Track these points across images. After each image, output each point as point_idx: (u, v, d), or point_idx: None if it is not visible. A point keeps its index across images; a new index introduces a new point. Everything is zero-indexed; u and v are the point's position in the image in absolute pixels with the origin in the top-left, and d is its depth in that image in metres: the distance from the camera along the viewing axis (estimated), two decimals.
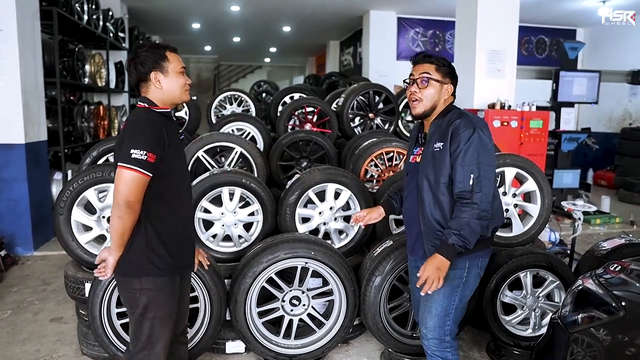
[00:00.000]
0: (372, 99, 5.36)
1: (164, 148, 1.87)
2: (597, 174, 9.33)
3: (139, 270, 1.91)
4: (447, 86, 2.12)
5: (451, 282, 2.08)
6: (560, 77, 6.87)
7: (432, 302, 2.12)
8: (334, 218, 3.33)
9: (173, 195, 1.97)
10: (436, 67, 2.10)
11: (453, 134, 1.99)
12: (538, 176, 3.41)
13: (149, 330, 1.96)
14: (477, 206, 1.93)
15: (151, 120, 1.89)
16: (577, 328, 1.70)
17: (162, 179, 1.90)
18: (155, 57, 1.94)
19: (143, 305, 1.93)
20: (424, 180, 2.08)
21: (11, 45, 4.70)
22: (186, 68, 2.09)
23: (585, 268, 3.11)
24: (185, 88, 2.03)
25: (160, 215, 1.93)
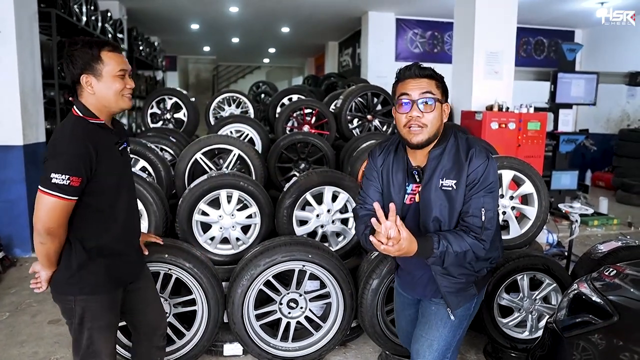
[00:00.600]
0: (371, 101, 5.37)
1: (91, 167, 1.70)
2: (595, 175, 9.35)
3: (72, 290, 1.81)
4: (445, 105, 1.78)
5: (461, 315, 1.89)
6: (559, 78, 6.88)
7: (434, 337, 1.88)
8: (332, 221, 3.34)
9: (105, 213, 1.83)
10: (436, 84, 1.74)
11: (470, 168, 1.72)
12: (535, 179, 3.42)
13: (88, 340, 1.86)
14: (484, 244, 1.71)
15: (77, 136, 1.69)
16: (572, 333, 1.71)
17: (91, 197, 1.76)
18: (87, 58, 1.73)
19: (79, 315, 1.83)
20: (431, 223, 1.76)
21: (9, 47, 4.70)
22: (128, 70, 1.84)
23: (582, 271, 3.12)
24: (122, 94, 1.80)
25: (91, 234, 1.81)
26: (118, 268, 1.91)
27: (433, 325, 1.90)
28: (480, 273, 1.86)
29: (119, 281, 1.94)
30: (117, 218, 1.88)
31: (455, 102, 6.15)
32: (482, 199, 1.71)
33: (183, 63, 17.60)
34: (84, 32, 6.68)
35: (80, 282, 1.81)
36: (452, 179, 1.72)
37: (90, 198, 1.76)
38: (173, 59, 16.27)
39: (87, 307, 1.83)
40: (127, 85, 1.81)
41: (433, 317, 1.90)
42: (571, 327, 1.74)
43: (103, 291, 1.86)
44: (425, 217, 1.76)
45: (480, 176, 1.71)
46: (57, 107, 5.77)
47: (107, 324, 1.90)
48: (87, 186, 1.73)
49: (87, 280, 1.82)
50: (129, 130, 8.97)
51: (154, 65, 11.57)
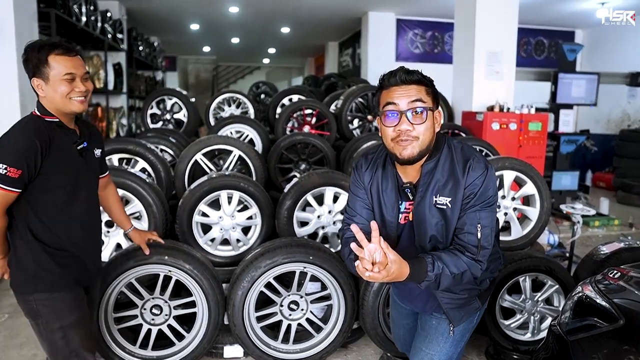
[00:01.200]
0: (371, 101, 5.35)
1: (36, 162, 1.71)
2: (596, 176, 9.33)
3: (29, 287, 1.83)
4: (437, 113, 1.59)
5: (463, 328, 1.80)
6: (559, 79, 6.87)
7: (435, 352, 1.78)
8: (333, 222, 3.32)
9: (58, 212, 1.83)
10: (427, 90, 1.55)
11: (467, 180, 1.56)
12: (537, 179, 3.40)
13: (63, 340, 1.85)
14: (481, 265, 1.58)
15: (27, 131, 1.72)
16: (577, 336, 1.69)
17: (44, 193, 1.78)
18: (35, 62, 1.75)
19: (44, 315, 1.83)
20: (427, 244, 1.63)
21: (9, 47, 4.67)
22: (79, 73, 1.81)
23: (584, 272, 3.11)
24: (70, 97, 1.78)
25: (43, 232, 1.81)
26: (75, 270, 1.91)
27: (434, 339, 1.79)
28: (482, 285, 1.76)
29: (77, 280, 1.93)
30: (74, 217, 1.88)
31: (456, 103, 6.14)
32: (478, 213, 1.55)
33: (183, 63, 17.58)
34: (84, 32, 6.67)
35: (36, 279, 1.82)
36: (446, 196, 1.56)
37: (43, 194, 1.79)
38: (173, 59, 16.25)
39: (51, 307, 1.83)
40: (75, 88, 1.79)
41: (434, 331, 1.79)
42: (576, 331, 1.72)
43: (61, 289, 1.85)
44: (421, 236, 1.62)
45: (477, 190, 1.55)
46: None
47: (77, 321, 1.89)
48: (37, 181, 1.75)
49: (43, 277, 1.82)
50: (129, 130, 8.94)
51: (153, 66, 11.55)
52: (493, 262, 1.78)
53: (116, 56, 8.48)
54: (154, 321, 2.74)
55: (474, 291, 1.73)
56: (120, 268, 2.59)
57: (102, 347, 2.66)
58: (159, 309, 2.74)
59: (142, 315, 2.72)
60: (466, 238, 1.57)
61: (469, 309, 1.74)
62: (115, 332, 2.70)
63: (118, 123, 8.12)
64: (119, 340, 2.71)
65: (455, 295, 1.69)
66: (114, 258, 2.64)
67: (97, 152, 2.03)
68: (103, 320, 2.64)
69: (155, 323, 2.74)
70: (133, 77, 9.76)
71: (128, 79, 8.99)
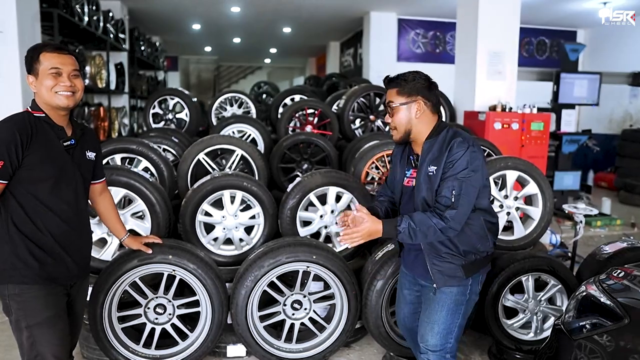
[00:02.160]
0: (373, 101, 5.36)
1: (17, 153, 1.76)
2: (598, 176, 9.32)
3: (3, 277, 1.83)
4: (415, 103, 2.00)
5: (455, 300, 2.06)
6: (561, 78, 6.86)
7: (435, 320, 2.08)
8: (335, 221, 3.32)
9: (39, 204, 1.85)
10: (398, 91, 2.02)
11: (448, 157, 1.94)
12: (539, 179, 3.40)
13: (29, 340, 1.84)
14: (447, 222, 1.90)
15: (9, 124, 1.79)
16: (581, 335, 1.69)
17: (24, 185, 1.82)
18: (29, 60, 1.87)
19: (15, 312, 1.84)
20: (421, 204, 2.03)
21: (11, 47, 4.68)
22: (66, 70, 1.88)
23: (587, 272, 3.10)
24: (55, 90, 1.85)
25: (23, 222, 1.84)
26: (53, 267, 1.89)
27: (432, 310, 2.09)
28: (467, 258, 2.03)
29: (53, 277, 1.90)
30: (57, 214, 1.89)
31: (458, 103, 6.14)
32: (453, 182, 1.91)
33: (184, 63, 17.59)
34: (86, 32, 6.68)
35: (11, 270, 1.83)
36: (434, 166, 1.97)
37: (26, 185, 1.82)
38: (174, 59, 16.25)
39: (22, 302, 1.83)
40: (60, 82, 1.86)
41: (432, 302, 2.10)
42: (580, 329, 1.72)
43: (33, 282, 1.84)
44: (417, 198, 2.03)
45: (455, 163, 1.91)
46: None
47: (46, 320, 1.86)
48: (20, 173, 1.79)
49: (18, 268, 1.83)
50: (131, 130, 8.96)
51: (155, 66, 11.56)
52: (480, 241, 2.05)
53: (118, 56, 8.49)
54: (158, 320, 2.75)
55: (455, 258, 2.02)
56: (124, 267, 2.59)
57: (105, 346, 2.67)
58: (163, 308, 2.74)
59: (145, 314, 2.73)
60: (441, 200, 1.93)
61: (453, 277, 2.03)
62: (119, 331, 2.71)
63: (120, 123, 8.12)
64: (123, 339, 2.71)
65: (440, 258, 2.02)
66: (118, 257, 2.65)
67: (90, 155, 2.04)
68: (107, 319, 2.65)
69: (158, 322, 2.75)
70: (135, 77, 9.78)
71: (130, 78, 9.00)
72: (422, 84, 2.01)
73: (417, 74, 2.04)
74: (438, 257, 2.03)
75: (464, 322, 2.13)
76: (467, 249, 2.03)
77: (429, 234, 1.91)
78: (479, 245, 2.05)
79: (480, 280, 2.13)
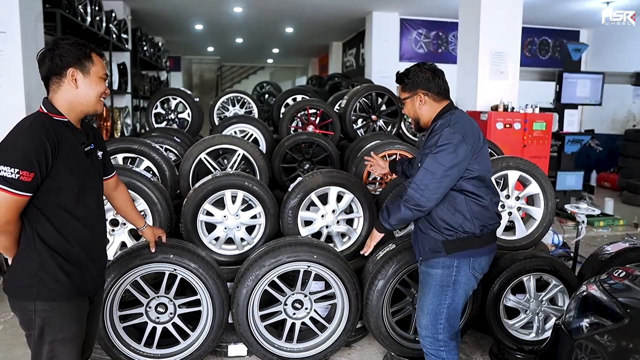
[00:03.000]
0: (375, 101, 5.35)
1: (47, 163, 1.64)
2: (601, 176, 9.29)
3: (30, 294, 1.71)
4: (417, 96, 2.23)
5: (440, 281, 2.18)
6: (564, 78, 6.84)
7: (424, 301, 2.24)
8: (337, 221, 3.32)
9: (65, 215, 1.75)
10: (402, 87, 2.27)
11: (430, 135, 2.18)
12: (541, 179, 3.40)
13: (49, 354, 1.75)
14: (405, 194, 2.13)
15: (34, 130, 1.64)
16: (582, 334, 1.69)
17: (48, 195, 1.70)
18: (79, 54, 1.73)
19: (39, 327, 1.73)
20: None
21: (14, 47, 4.70)
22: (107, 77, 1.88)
23: (589, 272, 3.10)
24: (101, 97, 1.82)
25: (50, 234, 1.72)
26: (81, 279, 1.81)
27: (422, 290, 2.27)
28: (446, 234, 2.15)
29: (81, 289, 1.82)
30: (81, 221, 1.80)
31: (460, 103, 6.13)
32: (422, 157, 2.15)
33: (187, 63, 17.62)
34: (89, 33, 6.70)
35: (40, 285, 1.71)
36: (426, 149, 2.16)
37: (51, 196, 1.70)
38: (177, 60, 16.28)
39: (48, 318, 1.73)
40: (106, 90, 1.84)
41: (422, 284, 2.29)
42: (580, 329, 1.72)
43: (64, 298, 1.75)
44: None
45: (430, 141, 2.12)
46: None
47: (71, 337, 1.79)
48: (44, 183, 1.66)
49: (47, 284, 1.72)
50: (133, 129, 8.98)
51: (157, 66, 11.59)
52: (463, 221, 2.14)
53: (121, 56, 8.52)
54: (159, 319, 2.75)
55: (435, 233, 2.17)
56: (125, 266, 2.60)
57: (107, 345, 2.67)
58: (164, 307, 2.75)
59: (147, 313, 2.74)
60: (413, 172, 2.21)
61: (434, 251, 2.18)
62: (120, 330, 2.71)
63: (122, 123, 8.15)
64: (124, 338, 2.72)
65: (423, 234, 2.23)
66: (120, 256, 2.66)
67: (99, 154, 1.97)
68: (108, 318, 2.65)
69: (160, 321, 2.75)
70: (137, 77, 9.80)
71: (132, 78, 9.02)
72: (421, 77, 2.21)
73: (417, 68, 2.24)
74: (421, 231, 2.24)
75: (457, 305, 2.21)
76: (446, 226, 2.15)
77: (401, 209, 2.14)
78: (461, 224, 2.15)
79: (472, 264, 2.17)
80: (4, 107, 4.74)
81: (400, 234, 3.37)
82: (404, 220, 2.20)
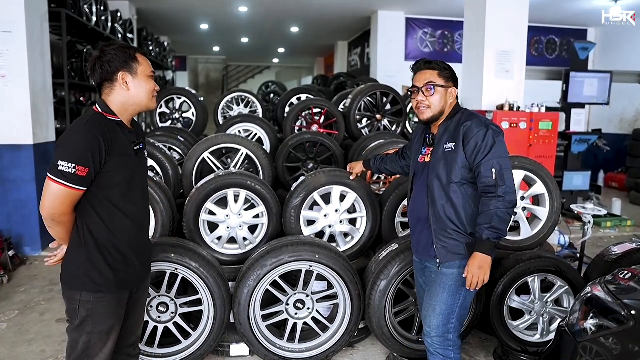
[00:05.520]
0: (380, 100, 5.33)
1: (100, 159, 1.74)
2: (608, 176, 9.21)
3: (77, 284, 1.82)
4: (451, 89, 2.18)
5: (456, 280, 2.13)
6: (571, 77, 6.78)
7: (437, 302, 2.17)
8: (340, 221, 3.30)
9: (114, 210, 1.84)
10: (438, 73, 2.16)
11: (466, 135, 2.05)
12: (547, 179, 3.36)
13: (85, 344, 1.84)
14: (502, 198, 1.99)
15: (90, 128, 1.73)
16: (585, 337, 1.66)
17: (99, 190, 1.79)
18: (125, 57, 1.84)
19: (81, 317, 1.82)
20: (434, 180, 2.13)
21: (20, 47, 4.73)
22: (155, 74, 1.97)
23: (595, 273, 3.06)
24: (153, 94, 1.92)
25: (99, 228, 1.82)
26: (126, 271, 1.89)
27: (434, 291, 2.18)
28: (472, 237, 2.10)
29: (125, 282, 1.90)
30: (129, 216, 1.88)
31: (465, 102, 6.09)
32: (489, 163, 2.01)
33: (193, 63, 17.67)
34: (94, 32, 6.72)
35: (86, 277, 1.81)
36: (451, 142, 2.09)
37: (101, 191, 1.80)
38: (183, 59, 16.33)
39: (91, 310, 1.82)
40: (155, 87, 1.93)
41: (434, 284, 2.19)
42: (584, 331, 1.69)
43: (107, 291, 1.84)
44: (431, 174, 2.14)
45: (481, 142, 2.02)
46: (67, 107, 5.80)
47: (108, 329, 1.87)
48: (97, 179, 1.76)
49: (93, 276, 1.81)
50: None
51: (163, 66, 11.61)
52: None
53: None
54: (160, 319, 2.75)
55: (461, 236, 2.10)
56: None
57: None
58: (165, 307, 2.74)
59: (148, 312, 2.73)
60: (485, 182, 2.02)
61: (455, 254, 2.11)
62: None
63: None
64: None
65: (446, 234, 2.11)
66: None
67: (145, 152, 2.08)
68: None
69: (161, 320, 2.75)
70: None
71: None
72: (455, 75, 2.22)
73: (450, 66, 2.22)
74: (445, 232, 2.11)
75: (468, 304, 2.20)
76: (473, 230, 2.10)
77: (502, 217, 1.99)
78: None
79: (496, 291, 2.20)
80: (9, 106, 4.78)
81: (403, 234, 3.34)
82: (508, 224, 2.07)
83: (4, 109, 4.77)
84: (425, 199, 2.18)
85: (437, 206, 2.11)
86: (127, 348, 2.10)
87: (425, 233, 2.20)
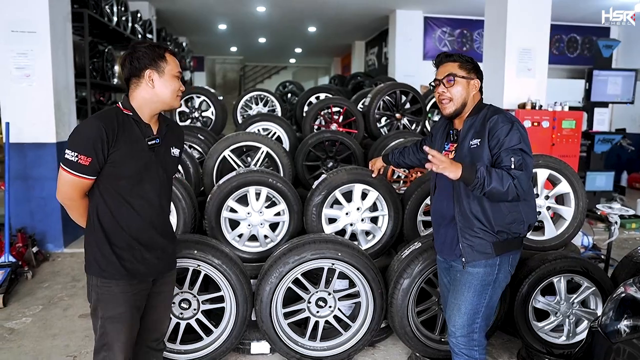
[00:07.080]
0: (399, 99, 5.29)
1: (103, 150, 1.78)
2: (632, 177, 9.01)
3: (89, 268, 1.92)
4: (474, 81, 2.14)
5: (482, 280, 2.10)
6: (594, 76, 6.67)
7: (462, 301, 2.13)
8: (361, 219, 3.28)
9: (121, 201, 1.88)
10: (459, 65, 2.13)
11: (491, 130, 2.01)
12: (572, 178, 3.29)
13: (101, 331, 1.91)
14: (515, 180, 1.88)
15: (95, 121, 1.80)
16: (620, 338, 1.62)
17: (108, 180, 1.85)
18: (154, 55, 1.88)
19: (94, 301, 1.91)
20: None
21: (44, 47, 4.80)
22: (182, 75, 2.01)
23: (622, 274, 2.99)
24: (177, 94, 1.95)
25: (106, 216, 1.88)
26: (132, 261, 1.92)
27: (459, 290, 2.14)
28: (499, 236, 2.06)
29: (132, 273, 1.92)
30: (136, 209, 1.91)
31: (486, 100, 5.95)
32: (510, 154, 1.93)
33: (210, 63, 17.79)
34: (115, 33, 6.80)
35: (94, 261, 1.89)
36: (477, 139, 2.04)
37: (110, 181, 1.86)
38: (200, 60, 16.46)
39: (101, 295, 1.89)
40: (181, 87, 1.96)
41: (459, 283, 2.16)
42: (618, 332, 1.65)
43: (111, 277, 1.88)
44: None
45: (504, 137, 1.97)
46: (88, 106, 5.88)
47: (118, 316, 1.90)
48: (106, 168, 1.83)
49: (100, 261, 1.88)
50: None
51: (181, 66, 11.71)
52: (515, 223, 2.08)
53: None
54: (182, 315, 2.76)
55: (488, 235, 2.05)
56: None
57: None
58: (188, 303, 2.76)
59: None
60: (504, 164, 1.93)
61: (482, 253, 2.07)
62: None
63: None
64: None
65: (472, 233, 2.06)
66: None
67: (175, 151, 2.08)
68: None
69: (183, 317, 2.76)
70: None
71: None
72: (479, 68, 2.18)
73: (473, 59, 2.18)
74: (471, 231, 2.07)
75: (494, 303, 2.17)
76: (501, 228, 2.06)
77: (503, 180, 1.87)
78: (513, 226, 2.08)
79: (510, 262, 2.14)
80: (33, 104, 4.85)
81: (426, 232, 3.31)
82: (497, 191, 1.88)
83: (28, 108, 4.85)
84: (450, 197, 2.14)
85: (464, 204, 2.07)
86: (151, 342, 2.13)
87: (451, 232, 2.16)
